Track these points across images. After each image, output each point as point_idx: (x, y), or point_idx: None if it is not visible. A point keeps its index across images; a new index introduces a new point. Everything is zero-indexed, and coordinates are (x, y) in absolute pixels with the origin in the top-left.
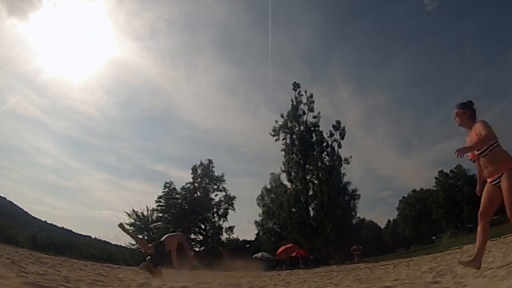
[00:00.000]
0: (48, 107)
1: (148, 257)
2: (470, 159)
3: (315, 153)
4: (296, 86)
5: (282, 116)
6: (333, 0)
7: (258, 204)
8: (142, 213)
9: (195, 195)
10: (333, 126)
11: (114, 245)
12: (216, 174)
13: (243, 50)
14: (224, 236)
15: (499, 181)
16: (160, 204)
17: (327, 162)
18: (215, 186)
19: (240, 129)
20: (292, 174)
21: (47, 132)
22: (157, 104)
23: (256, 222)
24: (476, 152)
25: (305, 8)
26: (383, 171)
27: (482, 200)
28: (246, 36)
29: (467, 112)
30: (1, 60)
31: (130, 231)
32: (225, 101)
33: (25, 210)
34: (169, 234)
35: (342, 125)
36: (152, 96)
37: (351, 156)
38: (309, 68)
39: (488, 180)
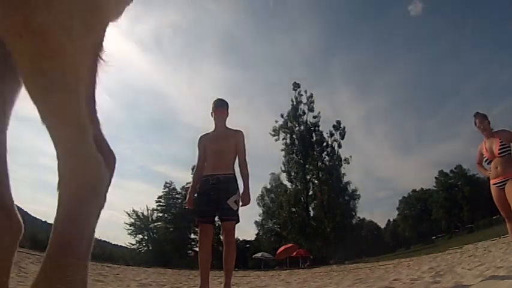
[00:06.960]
0: None
1: None
2: (487, 159)
3: (315, 153)
4: (296, 86)
5: (282, 116)
6: (334, 5)
7: (258, 204)
8: (142, 213)
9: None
10: (333, 126)
11: (114, 245)
12: None
13: (245, 54)
14: None
15: (504, 184)
16: (161, 204)
17: (327, 162)
18: None
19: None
20: (292, 174)
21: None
22: (161, 107)
23: (256, 222)
24: (497, 153)
25: (307, 13)
26: (383, 172)
27: (497, 205)
28: (249, 41)
29: (488, 121)
30: None
31: (130, 231)
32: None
33: (25, 210)
34: None
35: (342, 125)
36: (156, 99)
37: (351, 156)
38: (309, 71)
39: (492, 181)
